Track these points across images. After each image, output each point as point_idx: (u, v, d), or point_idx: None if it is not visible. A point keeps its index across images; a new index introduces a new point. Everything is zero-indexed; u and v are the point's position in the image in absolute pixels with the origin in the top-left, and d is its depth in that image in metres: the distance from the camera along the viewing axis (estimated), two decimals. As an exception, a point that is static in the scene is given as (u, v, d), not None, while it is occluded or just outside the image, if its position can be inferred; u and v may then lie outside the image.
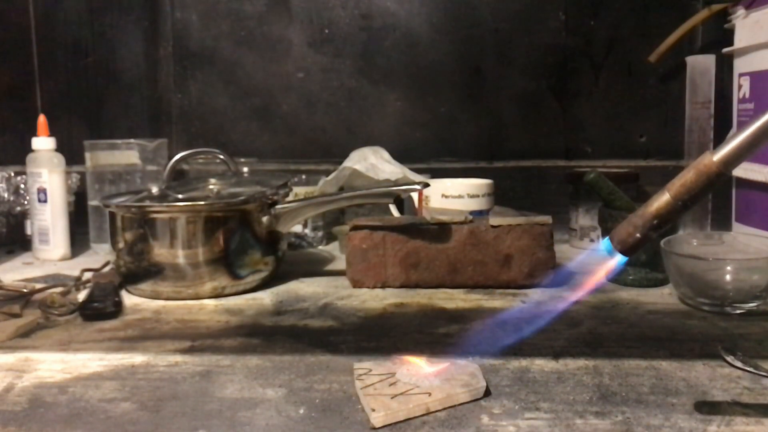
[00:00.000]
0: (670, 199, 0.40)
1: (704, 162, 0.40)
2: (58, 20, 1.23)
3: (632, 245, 0.42)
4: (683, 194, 0.40)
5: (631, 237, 0.42)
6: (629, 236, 0.42)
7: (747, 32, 0.95)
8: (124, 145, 1.07)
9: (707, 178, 0.39)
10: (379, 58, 1.20)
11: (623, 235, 0.42)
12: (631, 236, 0.42)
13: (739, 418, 0.46)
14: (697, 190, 0.40)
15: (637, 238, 0.42)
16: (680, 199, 0.40)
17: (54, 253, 1.01)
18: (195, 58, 1.23)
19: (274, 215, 0.83)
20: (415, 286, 0.81)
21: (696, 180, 0.40)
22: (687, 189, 0.40)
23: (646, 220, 0.41)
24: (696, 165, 0.40)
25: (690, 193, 0.40)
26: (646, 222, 0.41)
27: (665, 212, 0.41)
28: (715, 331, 0.65)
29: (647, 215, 0.41)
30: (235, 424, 0.47)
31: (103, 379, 0.55)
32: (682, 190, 0.40)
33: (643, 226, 0.41)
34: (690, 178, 0.40)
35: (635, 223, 0.41)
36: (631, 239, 0.42)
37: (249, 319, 0.72)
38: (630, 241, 0.42)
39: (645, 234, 0.41)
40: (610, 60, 1.18)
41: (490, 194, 0.98)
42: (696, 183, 0.40)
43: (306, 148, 1.23)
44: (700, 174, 0.40)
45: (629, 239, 0.42)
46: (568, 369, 0.56)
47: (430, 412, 0.47)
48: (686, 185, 0.40)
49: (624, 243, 0.42)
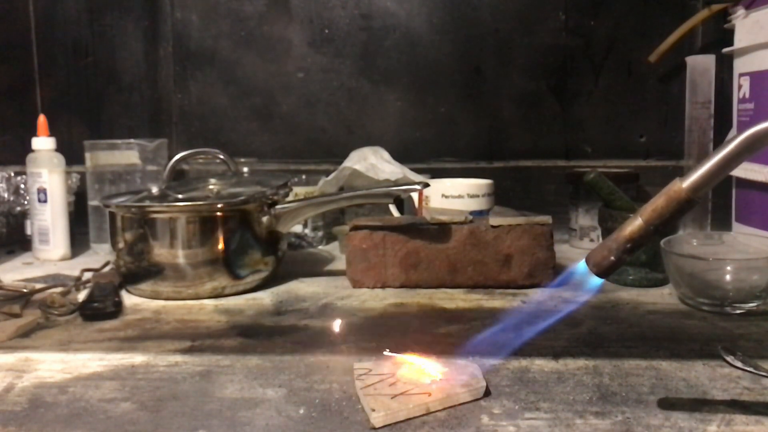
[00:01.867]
0: (643, 223, 0.42)
1: (674, 188, 0.41)
2: (58, 20, 1.23)
3: (607, 268, 0.44)
4: (655, 219, 0.42)
5: (606, 260, 0.43)
6: (604, 259, 0.43)
7: (747, 32, 0.95)
8: (124, 145, 1.07)
9: (677, 204, 0.41)
10: (379, 58, 1.20)
11: (598, 258, 0.44)
12: (605, 259, 0.43)
13: (739, 418, 0.46)
14: (668, 215, 0.42)
15: (612, 260, 0.43)
16: (652, 223, 0.42)
17: (54, 253, 1.01)
18: (195, 58, 1.23)
19: (274, 215, 0.83)
20: (415, 286, 0.81)
21: (666, 205, 0.42)
22: (658, 214, 0.42)
23: (620, 244, 0.43)
24: (666, 191, 0.42)
25: (661, 218, 0.42)
26: (620, 246, 0.43)
27: (638, 236, 0.42)
28: (715, 331, 0.65)
29: (621, 239, 0.43)
30: (235, 424, 0.47)
31: (103, 379, 0.55)
32: (653, 215, 0.42)
33: (617, 249, 0.43)
34: (661, 203, 0.42)
35: (609, 246, 0.43)
36: (606, 262, 0.43)
37: (249, 319, 0.72)
38: (605, 264, 0.44)
39: (619, 257, 0.43)
40: (610, 60, 1.18)
41: (490, 194, 0.98)
42: (666, 208, 0.42)
43: (306, 148, 1.23)
44: (670, 200, 0.41)
45: (604, 262, 0.43)
46: (568, 369, 0.56)
47: (430, 412, 0.47)
48: (657, 210, 0.42)
49: (599, 266, 0.44)
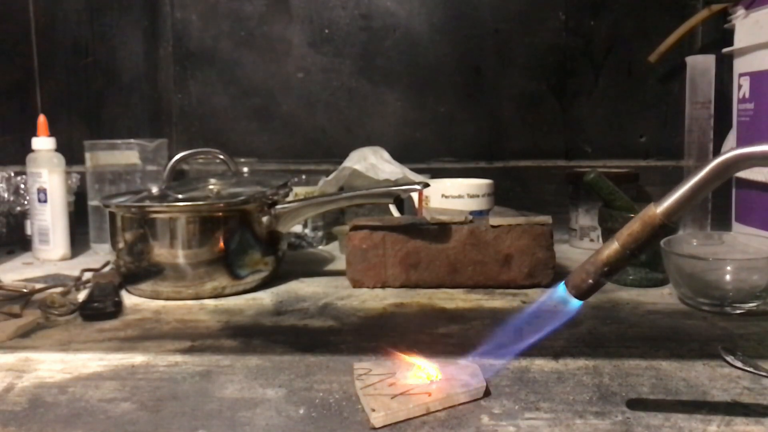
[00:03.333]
0: (619, 247, 0.43)
1: (648, 214, 0.42)
2: (58, 20, 1.23)
3: (586, 290, 0.44)
4: (630, 243, 0.43)
5: (585, 283, 0.44)
6: (583, 282, 0.44)
7: (747, 32, 0.95)
8: (124, 145, 1.06)
9: (652, 229, 0.42)
10: (379, 58, 1.20)
11: (577, 281, 0.45)
12: (584, 282, 0.44)
13: (739, 418, 0.46)
14: (643, 240, 0.43)
15: (590, 283, 0.44)
16: (628, 248, 0.43)
17: (54, 253, 1.01)
18: (195, 58, 1.23)
19: (274, 215, 0.83)
20: (415, 286, 0.81)
21: (642, 230, 0.43)
22: (634, 238, 0.43)
23: (598, 267, 0.44)
24: (641, 216, 0.43)
25: (637, 243, 0.43)
26: (597, 269, 0.44)
27: (614, 260, 0.43)
28: (715, 331, 0.65)
29: (598, 262, 0.44)
30: (235, 424, 0.47)
31: (103, 379, 0.55)
32: (629, 239, 0.43)
33: (595, 272, 0.44)
34: (636, 228, 0.43)
35: (588, 269, 0.44)
36: (585, 285, 0.44)
37: (249, 319, 0.72)
38: (584, 287, 0.44)
39: (597, 280, 0.44)
40: (610, 60, 1.18)
41: (490, 194, 0.98)
42: (642, 233, 0.43)
43: (306, 148, 1.23)
44: (645, 225, 0.42)
45: (583, 285, 0.44)
46: (568, 369, 0.56)
47: (430, 412, 0.47)
48: (633, 235, 0.43)
49: (578, 288, 0.45)
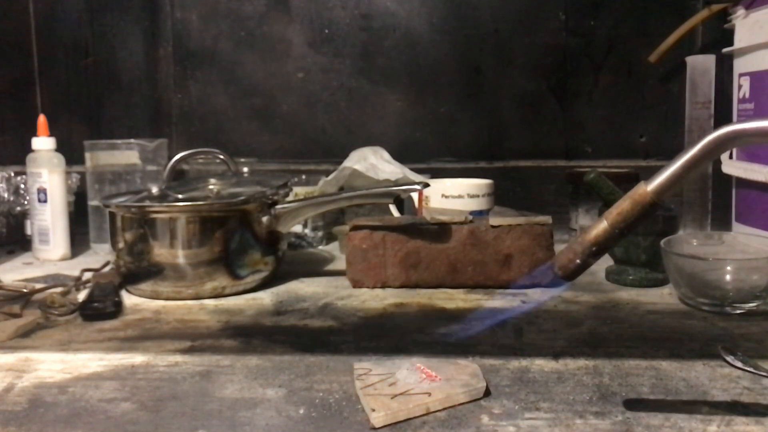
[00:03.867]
0: (608, 227, 0.42)
1: (639, 192, 0.42)
2: (58, 20, 1.23)
3: (573, 270, 0.44)
4: (620, 222, 0.42)
5: (572, 263, 0.43)
6: (570, 262, 0.43)
7: (747, 32, 0.95)
8: (124, 145, 1.06)
9: (642, 207, 0.42)
10: (379, 58, 1.20)
11: (564, 261, 0.44)
12: (571, 262, 0.43)
13: (739, 418, 0.46)
14: (633, 219, 0.42)
15: (578, 263, 0.43)
16: (617, 227, 0.42)
17: (54, 253, 1.01)
18: (195, 58, 1.23)
19: (274, 215, 0.83)
20: (415, 286, 0.81)
21: (631, 209, 0.42)
22: (623, 218, 0.42)
23: (585, 247, 0.43)
24: (631, 195, 0.42)
25: (626, 222, 0.42)
26: (585, 249, 0.43)
27: (603, 239, 0.43)
28: (715, 331, 0.65)
29: (586, 242, 0.43)
30: (235, 424, 0.47)
31: (103, 379, 0.55)
32: (618, 218, 0.42)
33: (582, 252, 0.43)
34: (626, 207, 0.42)
35: (575, 249, 0.43)
36: (572, 265, 0.43)
37: (249, 319, 0.72)
38: (571, 267, 0.44)
39: (585, 260, 0.43)
40: (610, 60, 1.18)
41: (490, 194, 0.98)
42: (631, 212, 0.42)
43: (306, 148, 1.23)
44: (635, 203, 0.42)
45: (570, 264, 0.43)
46: (568, 369, 0.56)
47: (430, 412, 0.47)
48: (622, 214, 0.42)
49: (565, 268, 0.44)
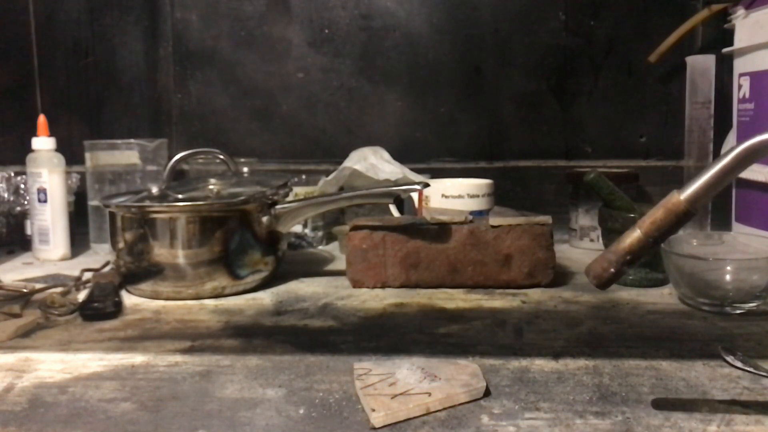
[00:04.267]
0: (642, 236, 0.42)
1: (672, 201, 0.42)
2: (58, 20, 1.23)
3: (607, 280, 0.44)
4: (654, 231, 0.42)
5: (606, 272, 0.43)
6: (605, 271, 0.43)
7: (747, 32, 0.95)
8: (124, 145, 1.06)
9: (675, 216, 0.42)
10: (379, 58, 1.20)
11: (599, 270, 0.44)
12: (606, 271, 0.43)
13: (739, 418, 0.46)
14: (667, 228, 0.42)
15: (612, 272, 0.43)
16: (651, 236, 0.42)
17: (54, 253, 1.01)
18: (195, 58, 1.23)
19: (274, 215, 0.83)
20: (415, 286, 0.81)
21: (665, 218, 0.42)
22: (657, 226, 0.42)
23: (620, 256, 0.43)
24: (665, 204, 0.42)
25: (660, 231, 0.42)
26: (619, 258, 0.43)
27: (637, 248, 0.43)
28: (715, 331, 0.65)
29: (620, 251, 0.43)
30: (235, 424, 0.47)
31: (103, 379, 0.55)
32: (652, 227, 0.42)
33: (617, 261, 0.43)
34: (659, 216, 0.42)
35: (609, 258, 0.43)
36: (606, 274, 0.43)
37: (249, 319, 0.72)
38: (605, 276, 0.43)
39: (619, 269, 0.43)
40: (610, 60, 1.18)
41: (490, 194, 0.98)
42: (665, 221, 0.42)
43: (306, 148, 1.23)
44: (668, 212, 0.42)
45: (605, 274, 0.43)
46: (568, 369, 0.56)
47: (430, 412, 0.47)
48: (656, 223, 0.42)
49: (600, 278, 0.44)
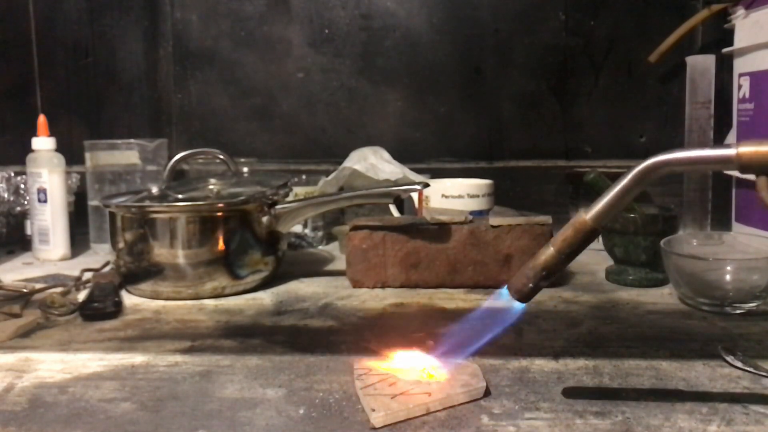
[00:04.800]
0: (555, 252, 0.46)
1: (579, 220, 0.45)
2: (58, 20, 1.23)
3: (527, 294, 0.47)
4: (565, 248, 0.45)
5: (525, 287, 0.46)
6: (524, 286, 0.46)
7: (747, 32, 0.95)
8: (124, 145, 1.06)
9: (583, 234, 0.45)
10: (379, 58, 1.20)
11: (518, 285, 0.47)
12: (525, 286, 0.46)
13: (739, 418, 0.46)
14: (577, 245, 0.45)
15: (530, 287, 0.46)
16: (563, 252, 0.45)
17: (54, 253, 1.01)
18: (195, 58, 1.23)
19: (274, 215, 0.83)
20: (415, 286, 0.81)
21: (574, 236, 0.45)
22: (568, 244, 0.45)
23: (536, 272, 0.46)
24: (573, 223, 0.45)
25: (571, 248, 0.45)
26: (536, 273, 0.46)
27: (551, 264, 0.46)
28: (715, 331, 0.65)
29: (536, 267, 0.46)
30: (235, 424, 0.47)
31: (103, 379, 0.55)
32: (563, 245, 0.45)
33: (534, 276, 0.46)
34: (569, 234, 0.45)
35: (527, 274, 0.46)
36: (526, 288, 0.46)
37: (249, 319, 0.72)
38: (525, 290, 0.47)
39: (537, 283, 0.46)
40: (610, 60, 1.18)
41: (490, 194, 0.98)
42: (575, 238, 0.45)
43: (306, 148, 1.23)
44: (577, 231, 0.45)
45: (524, 288, 0.47)
46: (568, 369, 0.56)
47: (430, 412, 0.47)
48: (567, 240, 0.45)
49: (520, 292, 0.47)
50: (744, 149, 0.43)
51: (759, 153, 0.42)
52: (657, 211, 0.84)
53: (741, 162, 0.43)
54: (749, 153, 0.42)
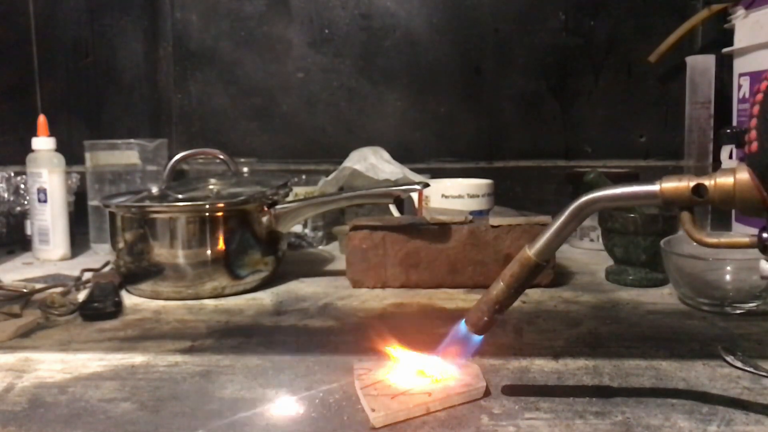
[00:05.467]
0: (504, 287, 0.47)
1: (524, 256, 0.47)
2: (58, 20, 1.23)
3: (483, 327, 0.49)
4: (514, 283, 0.47)
5: (481, 320, 0.48)
6: (479, 320, 0.48)
7: (747, 32, 0.95)
8: (124, 145, 1.06)
9: (528, 269, 0.47)
10: (379, 58, 1.20)
11: (474, 319, 0.49)
12: (480, 320, 0.48)
13: (739, 418, 0.46)
14: (524, 279, 0.47)
15: (486, 321, 0.48)
16: (512, 287, 0.47)
17: (54, 253, 1.01)
18: (195, 58, 1.23)
19: (274, 215, 0.83)
20: (415, 286, 0.81)
21: (521, 271, 0.47)
22: (516, 278, 0.47)
23: (490, 306, 0.48)
24: (519, 259, 0.47)
25: (519, 282, 0.47)
26: (489, 308, 0.48)
27: (502, 299, 0.48)
28: (715, 331, 0.65)
29: (490, 302, 0.48)
30: (235, 424, 0.47)
31: (103, 379, 0.55)
32: (512, 279, 0.47)
33: (488, 310, 0.48)
34: (516, 270, 0.47)
35: (482, 308, 0.48)
36: (481, 322, 0.48)
37: (249, 319, 0.72)
38: (480, 324, 0.49)
39: (491, 317, 0.48)
40: (610, 60, 1.18)
41: (490, 194, 0.98)
42: (522, 273, 0.47)
43: (306, 148, 1.23)
44: (522, 266, 0.47)
45: (480, 322, 0.48)
46: (568, 369, 0.56)
47: (430, 412, 0.47)
48: (515, 275, 0.47)
49: (476, 326, 0.49)
50: (666, 185, 0.43)
51: (679, 189, 0.43)
52: (657, 211, 0.84)
53: (664, 197, 0.44)
54: (670, 189, 0.43)
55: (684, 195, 0.43)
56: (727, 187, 0.42)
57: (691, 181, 0.43)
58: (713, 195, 0.43)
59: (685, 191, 0.43)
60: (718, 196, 0.43)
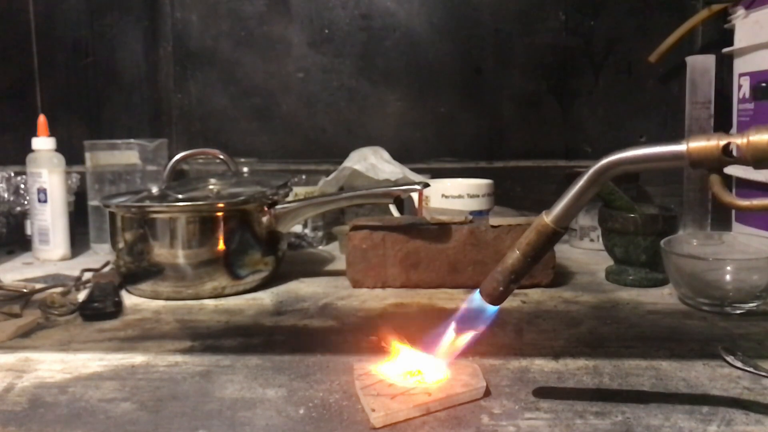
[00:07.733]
0: (521, 256, 0.46)
1: (541, 223, 0.46)
2: (58, 20, 1.23)
3: (498, 297, 0.48)
4: (530, 251, 0.46)
5: (497, 290, 0.47)
6: (494, 290, 0.47)
7: (747, 32, 0.95)
8: (124, 145, 1.07)
9: (546, 237, 0.46)
10: (379, 58, 1.20)
11: (489, 289, 0.48)
12: (495, 290, 0.47)
13: (739, 418, 0.46)
14: (540, 247, 0.46)
15: (501, 291, 0.47)
16: (528, 255, 0.46)
17: (54, 253, 1.01)
18: (195, 58, 1.23)
19: (274, 215, 0.83)
20: (415, 286, 0.81)
21: (537, 239, 0.46)
22: (532, 247, 0.46)
23: (505, 276, 0.47)
24: (536, 226, 0.46)
25: (535, 250, 0.46)
26: (505, 277, 0.47)
27: (518, 268, 0.47)
28: (715, 331, 0.65)
29: (505, 271, 0.47)
30: (235, 424, 0.47)
31: (103, 379, 0.55)
32: (528, 248, 0.46)
33: (503, 280, 0.47)
34: (533, 237, 0.46)
35: (497, 278, 0.47)
36: (497, 292, 0.47)
37: (249, 319, 0.72)
38: (496, 294, 0.48)
39: (507, 287, 0.47)
40: (610, 60, 1.18)
41: (490, 194, 0.98)
42: (538, 241, 0.46)
43: (306, 148, 1.23)
44: (539, 234, 0.46)
45: (495, 292, 0.48)
46: (568, 369, 0.56)
47: (430, 412, 0.47)
48: (531, 244, 0.46)
49: (491, 296, 0.48)
50: (694, 144, 0.41)
51: (708, 148, 0.41)
52: (657, 211, 0.84)
53: (691, 158, 0.41)
54: (698, 148, 0.41)
55: (713, 155, 0.41)
56: (763, 144, 0.40)
57: (721, 140, 0.41)
58: (745, 154, 0.40)
59: (714, 151, 0.41)
60: (752, 155, 0.40)
